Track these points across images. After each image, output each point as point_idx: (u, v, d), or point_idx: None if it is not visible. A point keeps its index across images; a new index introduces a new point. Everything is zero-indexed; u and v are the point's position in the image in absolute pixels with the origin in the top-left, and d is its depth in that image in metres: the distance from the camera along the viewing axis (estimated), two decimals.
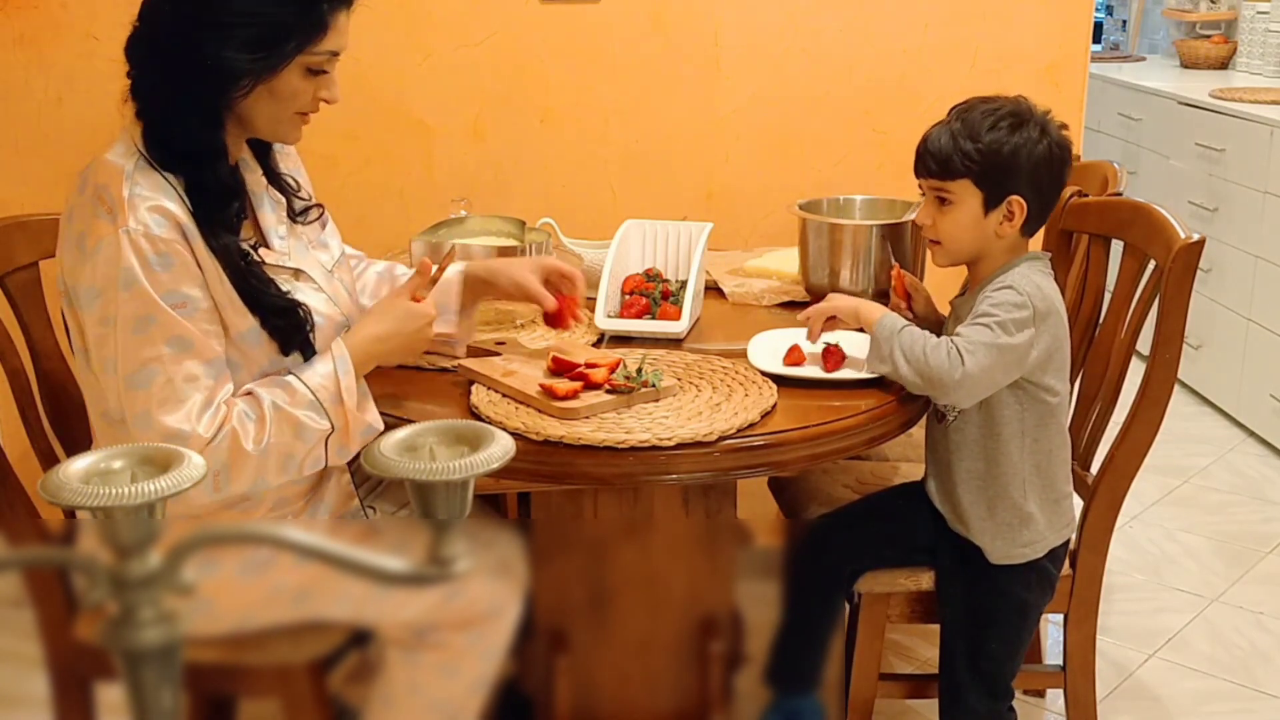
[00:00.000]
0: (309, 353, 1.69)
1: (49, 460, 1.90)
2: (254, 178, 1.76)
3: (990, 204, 1.81)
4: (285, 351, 1.68)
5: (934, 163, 1.83)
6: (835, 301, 1.90)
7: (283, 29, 1.59)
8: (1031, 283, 1.80)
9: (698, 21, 2.81)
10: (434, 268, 1.79)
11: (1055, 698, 2.37)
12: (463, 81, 2.79)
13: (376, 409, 1.71)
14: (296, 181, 1.85)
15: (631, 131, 2.85)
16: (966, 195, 1.81)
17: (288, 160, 1.85)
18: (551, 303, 1.87)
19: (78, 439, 1.96)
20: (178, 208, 1.58)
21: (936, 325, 2.01)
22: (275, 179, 1.80)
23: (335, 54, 1.66)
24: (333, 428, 1.64)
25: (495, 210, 2.33)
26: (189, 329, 1.57)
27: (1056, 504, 1.90)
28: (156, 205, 1.56)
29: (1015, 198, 1.80)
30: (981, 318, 1.78)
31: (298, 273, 1.73)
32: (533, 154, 2.84)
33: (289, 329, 1.67)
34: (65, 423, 1.95)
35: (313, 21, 1.61)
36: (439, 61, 2.77)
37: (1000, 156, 1.79)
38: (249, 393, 1.62)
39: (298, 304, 1.68)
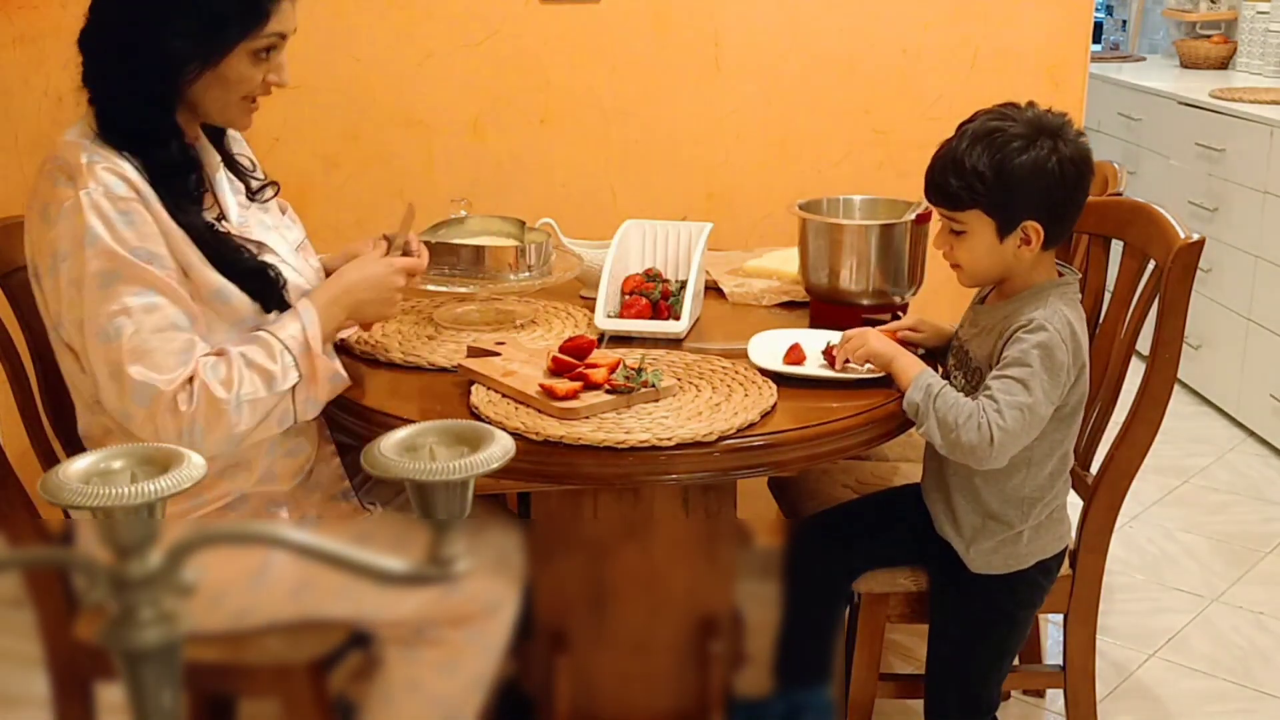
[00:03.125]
0: (285, 310, 1.71)
1: (49, 460, 1.90)
2: (210, 160, 1.78)
3: (1004, 230, 1.75)
4: (265, 310, 1.70)
5: (940, 195, 1.78)
6: (872, 346, 1.83)
7: (223, 18, 1.61)
8: (1063, 320, 1.74)
9: (698, 21, 2.81)
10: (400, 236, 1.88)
11: (1055, 698, 2.37)
12: (463, 81, 2.79)
13: (342, 366, 1.73)
14: (252, 161, 1.86)
15: (631, 131, 2.85)
16: (978, 224, 1.76)
17: (237, 143, 1.87)
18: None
19: (78, 439, 1.96)
20: (137, 177, 1.60)
21: (946, 340, 2.00)
22: (231, 161, 1.82)
23: (283, 36, 1.67)
24: (300, 376, 1.64)
25: (495, 210, 2.33)
26: (159, 279, 1.58)
27: (1048, 519, 1.88)
28: (115, 169, 1.59)
29: (1029, 223, 1.74)
30: (1015, 369, 1.72)
31: (260, 245, 1.75)
32: (533, 154, 2.84)
33: (263, 290, 1.69)
34: (65, 423, 1.95)
35: (254, 9, 1.63)
36: (439, 61, 2.77)
37: (1008, 184, 1.72)
38: (219, 351, 1.63)
39: (267, 265, 1.71)
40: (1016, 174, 1.71)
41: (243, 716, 1.87)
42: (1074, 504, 1.97)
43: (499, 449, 0.88)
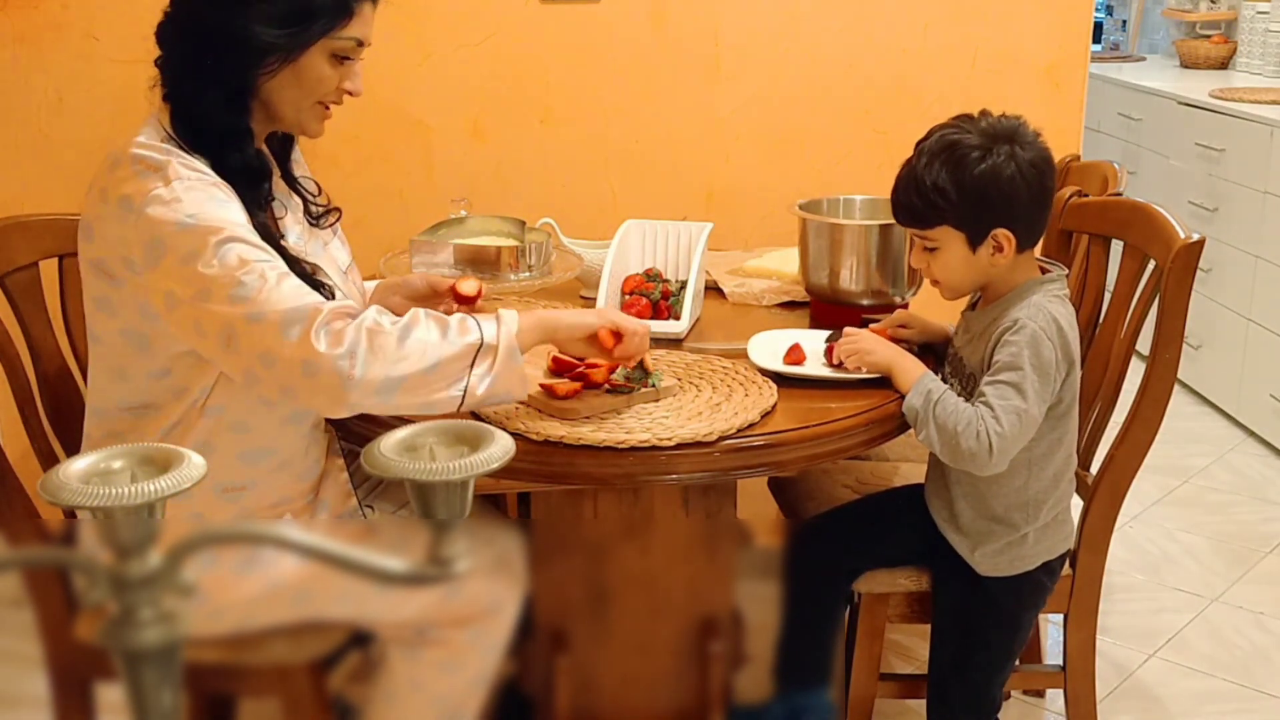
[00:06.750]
0: None
1: (49, 460, 1.90)
2: (274, 179, 1.77)
3: (975, 242, 1.76)
4: None
5: (907, 215, 1.80)
6: (870, 358, 1.83)
7: (310, 7, 1.62)
8: (1048, 317, 1.74)
9: (698, 21, 2.81)
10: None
11: (1055, 698, 2.37)
12: (463, 81, 2.79)
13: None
14: (316, 185, 1.87)
15: (631, 131, 2.85)
16: (949, 239, 1.77)
17: (300, 166, 1.87)
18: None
19: (78, 439, 1.96)
20: (214, 177, 1.61)
21: (941, 338, 2.00)
22: (293, 183, 1.82)
23: (360, 43, 1.69)
24: (482, 341, 1.57)
25: (495, 210, 2.33)
26: (266, 246, 1.57)
27: (1053, 521, 1.88)
28: (197, 166, 1.59)
29: (999, 231, 1.74)
30: (1006, 373, 1.72)
31: (314, 268, 1.75)
32: (533, 154, 2.84)
33: None
34: (65, 423, 1.95)
35: (341, 5, 1.65)
36: (439, 61, 2.77)
37: (971, 195, 1.72)
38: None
39: (323, 283, 1.70)
40: (978, 184, 1.72)
41: (243, 716, 1.87)
42: (1074, 504, 1.97)
43: (499, 449, 0.88)
